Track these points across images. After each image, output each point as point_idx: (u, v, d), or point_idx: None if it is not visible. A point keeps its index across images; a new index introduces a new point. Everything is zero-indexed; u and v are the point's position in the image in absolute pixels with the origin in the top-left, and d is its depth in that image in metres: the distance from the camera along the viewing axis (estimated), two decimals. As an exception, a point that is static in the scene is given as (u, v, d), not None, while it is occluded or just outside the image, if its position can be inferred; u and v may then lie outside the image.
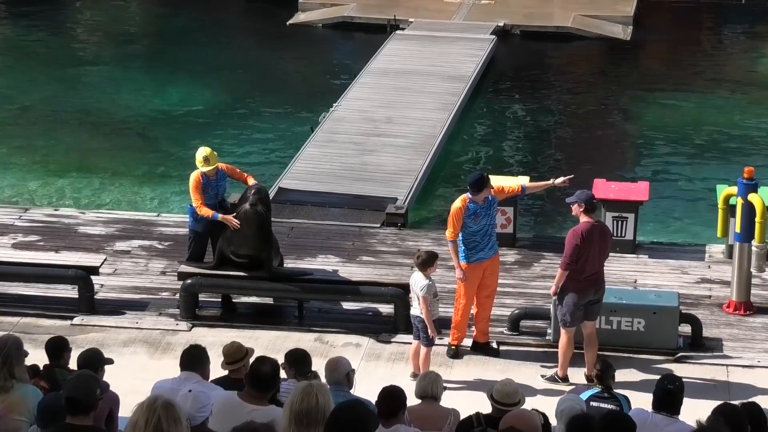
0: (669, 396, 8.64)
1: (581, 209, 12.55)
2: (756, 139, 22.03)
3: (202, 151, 13.95)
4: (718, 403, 8.03)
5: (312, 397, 6.49)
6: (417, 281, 12.55)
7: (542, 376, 12.93)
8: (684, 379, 9.42)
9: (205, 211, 13.82)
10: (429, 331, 12.54)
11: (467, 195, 12.99)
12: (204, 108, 23.38)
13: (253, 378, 8.24)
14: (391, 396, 8.29)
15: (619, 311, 13.35)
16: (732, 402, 8.13)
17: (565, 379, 12.78)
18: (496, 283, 13.37)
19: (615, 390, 10.27)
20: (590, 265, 12.48)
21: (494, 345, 13.54)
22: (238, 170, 14.25)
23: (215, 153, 14.04)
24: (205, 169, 13.88)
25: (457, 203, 12.98)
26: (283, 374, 9.47)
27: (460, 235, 12.92)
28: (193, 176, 14.00)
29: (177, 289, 14.33)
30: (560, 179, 13.41)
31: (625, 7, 28.23)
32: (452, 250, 13.01)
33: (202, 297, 14.36)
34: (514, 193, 13.49)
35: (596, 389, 10.13)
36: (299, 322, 14.15)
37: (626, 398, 10.17)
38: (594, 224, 12.56)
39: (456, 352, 13.34)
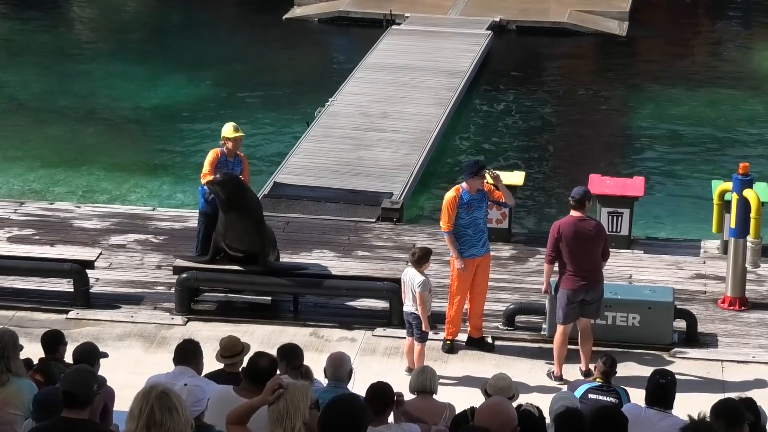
0: (661, 390, 8.66)
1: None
2: (751, 134, 22.06)
3: (230, 124, 14.32)
4: (713, 398, 8.05)
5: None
6: (413, 278, 12.54)
7: (548, 372, 12.91)
8: (679, 375, 9.45)
9: (208, 178, 13.81)
10: (423, 326, 12.55)
11: (460, 185, 13.01)
12: (199, 102, 23.37)
13: (250, 372, 8.26)
14: (379, 393, 8.21)
15: (614, 306, 13.36)
16: (732, 397, 8.12)
17: (558, 378, 12.76)
18: (487, 280, 13.38)
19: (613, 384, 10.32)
20: (576, 262, 12.37)
21: (489, 340, 13.55)
22: (248, 171, 14.57)
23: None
24: (234, 135, 14.17)
25: (451, 193, 13.00)
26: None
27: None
28: (212, 151, 14.25)
29: (172, 283, 14.34)
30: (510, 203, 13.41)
31: (621, 2, 28.24)
32: (449, 242, 13.01)
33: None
34: (499, 198, 13.21)
35: (596, 382, 10.16)
36: (294, 317, 14.16)
37: (625, 391, 10.20)
38: (578, 220, 12.42)
39: (451, 347, 13.35)
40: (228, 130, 14.29)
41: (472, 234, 12.97)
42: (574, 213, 12.50)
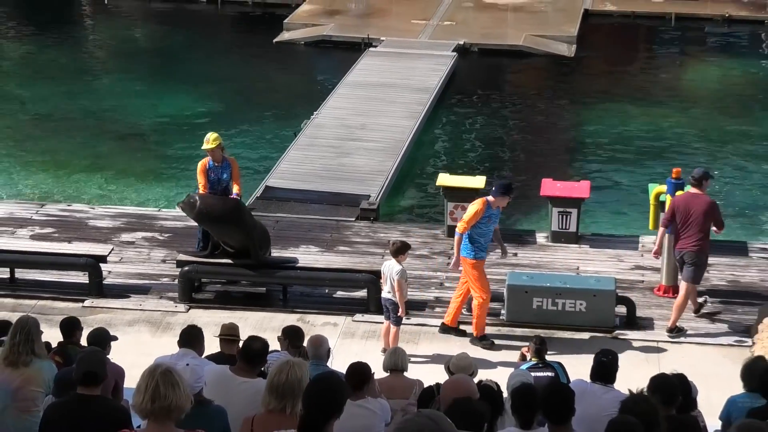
0: (604, 367, 8.71)
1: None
2: (683, 143, 22.17)
3: (207, 135, 14.13)
4: (650, 373, 8.08)
5: (284, 373, 6.62)
6: (392, 267, 12.56)
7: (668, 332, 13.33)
8: (620, 354, 9.49)
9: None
10: (400, 311, 12.57)
11: (487, 198, 12.84)
12: (200, 115, 23.32)
13: (245, 353, 8.29)
14: (358, 371, 8.31)
15: (564, 294, 13.44)
16: (666, 373, 8.17)
17: (671, 330, 13.26)
18: None
19: (550, 360, 10.36)
20: (682, 229, 13.02)
21: (462, 328, 13.51)
22: (238, 172, 14.28)
23: (218, 138, 14.05)
24: (206, 147, 13.98)
25: (478, 204, 12.76)
26: (277, 346, 9.59)
27: (467, 232, 12.75)
28: (201, 161, 14.09)
29: (176, 275, 14.33)
30: (506, 256, 13.67)
31: (570, 28, 28.34)
32: (457, 242, 12.84)
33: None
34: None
35: (532, 362, 10.17)
36: (284, 305, 14.18)
37: (560, 364, 10.21)
38: (692, 195, 13.07)
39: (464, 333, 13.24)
40: (204, 142, 14.11)
41: (483, 242, 12.86)
42: (691, 189, 13.10)
